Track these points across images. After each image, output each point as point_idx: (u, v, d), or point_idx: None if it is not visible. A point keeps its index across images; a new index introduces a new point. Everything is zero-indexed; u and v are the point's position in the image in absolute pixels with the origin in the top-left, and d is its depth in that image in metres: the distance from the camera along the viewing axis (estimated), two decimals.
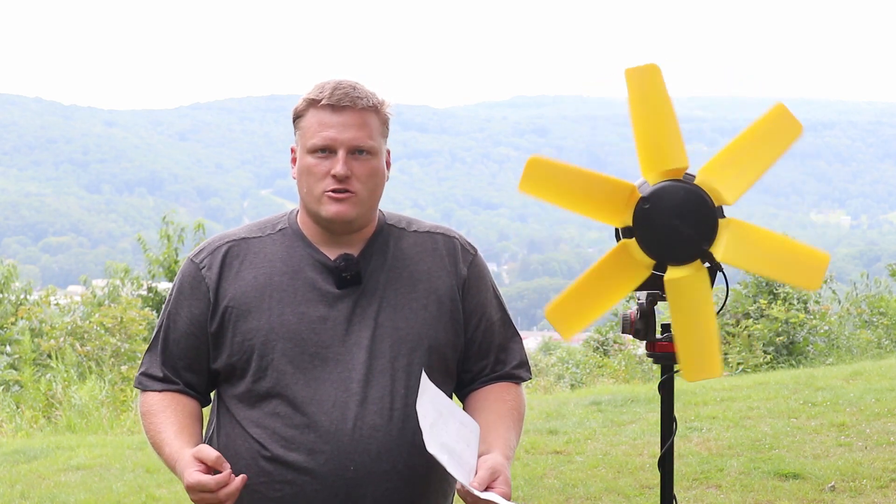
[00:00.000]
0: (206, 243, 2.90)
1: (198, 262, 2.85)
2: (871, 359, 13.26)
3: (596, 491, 6.96)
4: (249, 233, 2.88)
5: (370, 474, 2.72)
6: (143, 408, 2.89)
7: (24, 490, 7.80)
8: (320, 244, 2.83)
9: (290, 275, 2.79)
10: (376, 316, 2.78)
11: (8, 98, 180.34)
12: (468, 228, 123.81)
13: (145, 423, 2.87)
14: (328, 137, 2.76)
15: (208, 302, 2.81)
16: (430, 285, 2.84)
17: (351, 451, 2.71)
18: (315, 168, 2.78)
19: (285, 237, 2.85)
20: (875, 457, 7.38)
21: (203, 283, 2.82)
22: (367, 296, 2.79)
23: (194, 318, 2.83)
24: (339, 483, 2.71)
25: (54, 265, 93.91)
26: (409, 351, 2.78)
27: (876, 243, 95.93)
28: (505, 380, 2.91)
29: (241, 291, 2.79)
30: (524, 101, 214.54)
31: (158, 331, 2.90)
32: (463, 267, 2.89)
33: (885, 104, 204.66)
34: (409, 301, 2.81)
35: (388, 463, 2.73)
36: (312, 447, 2.71)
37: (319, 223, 2.82)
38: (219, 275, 2.82)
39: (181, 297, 2.86)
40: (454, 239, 2.93)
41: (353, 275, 2.78)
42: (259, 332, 2.76)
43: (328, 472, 2.70)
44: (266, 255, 2.82)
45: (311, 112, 2.80)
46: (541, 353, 24.75)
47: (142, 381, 2.91)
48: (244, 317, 2.77)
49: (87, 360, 13.22)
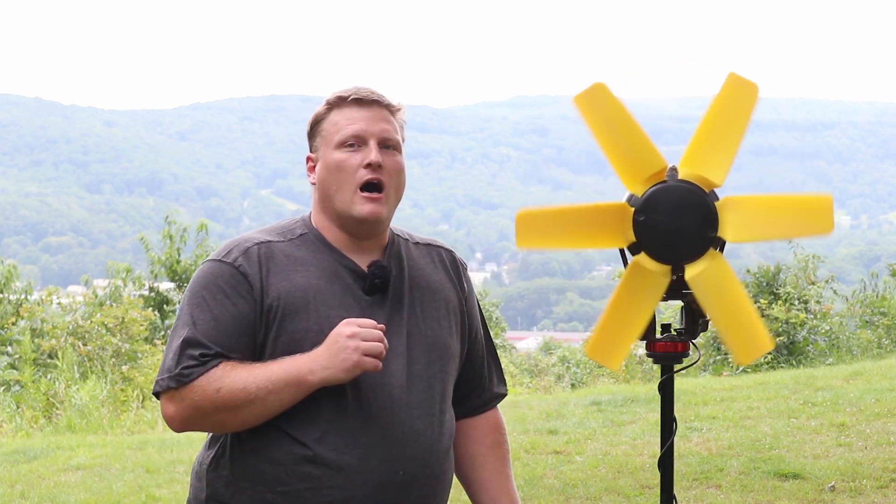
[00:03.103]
0: (232, 246, 2.77)
1: (231, 262, 2.73)
2: (871, 359, 13.27)
3: (596, 491, 6.96)
4: (270, 236, 2.79)
5: (416, 479, 2.73)
6: (210, 384, 2.64)
7: (24, 490, 7.81)
8: (344, 250, 2.80)
9: (326, 279, 2.74)
10: (406, 323, 2.79)
11: (8, 98, 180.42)
12: (468, 228, 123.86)
13: (225, 388, 2.63)
14: (360, 128, 2.75)
15: (253, 302, 2.70)
16: (444, 296, 2.87)
17: (400, 455, 2.71)
18: (346, 162, 2.74)
19: (308, 243, 2.79)
20: (875, 457, 7.39)
21: (245, 282, 2.71)
22: (395, 303, 2.79)
23: (243, 317, 2.69)
24: (389, 487, 2.70)
25: (54, 265, 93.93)
26: (439, 358, 2.81)
27: (876, 243, 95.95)
28: (491, 403, 3.02)
29: (285, 291, 2.71)
30: (524, 101, 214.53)
31: (191, 336, 2.68)
32: (464, 281, 2.95)
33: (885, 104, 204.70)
34: (431, 310, 2.83)
35: (429, 468, 2.75)
36: (365, 451, 2.68)
37: (347, 225, 2.78)
38: (259, 273, 2.71)
39: (220, 297, 2.70)
40: (453, 253, 2.97)
41: (384, 282, 2.78)
42: (308, 332, 2.69)
43: (380, 475, 2.69)
44: (298, 259, 2.76)
45: (335, 112, 2.78)
46: (541, 353, 24.76)
47: (186, 370, 2.66)
48: (291, 317, 2.70)
49: (87, 360, 13.22)
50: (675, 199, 2.94)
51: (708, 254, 2.95)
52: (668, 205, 2.94)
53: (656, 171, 2.94)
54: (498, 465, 2.97)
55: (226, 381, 2.64)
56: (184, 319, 2.72)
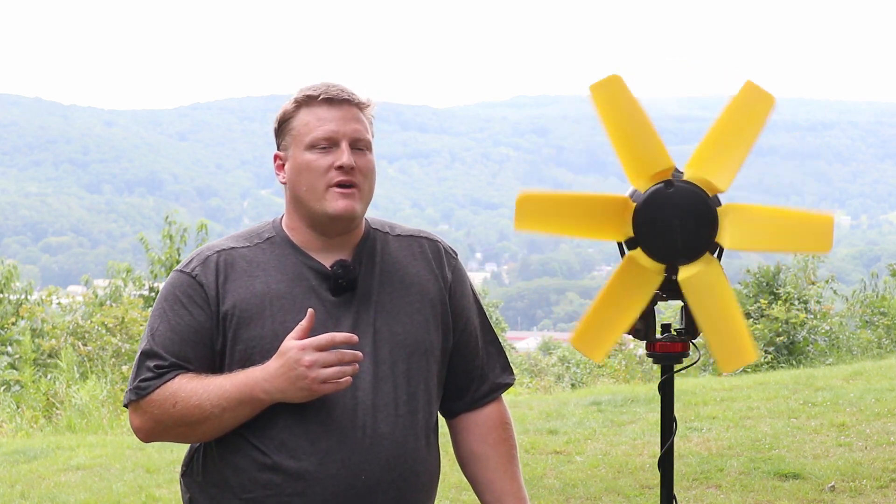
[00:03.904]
0: (193, 255, 2.78)
1: (189, 272, 2.73)
2: (871, 359, 13.27)
3: (596, 491, 6.96)
4: (235, 242, 2.78)
5: (380, 483, 2.68)
6: (166, 398, 2.65)
7: (24, 490, 7.81)
8: (312, 251, 2.76)
9: (287, 283, 2.71)
10: (374, 322, 2.74)
11: (8, 98, 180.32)
12: (468, 228, 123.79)
13: (181, 404, 2.64)
14: (330, 130, 2.72)
15: (210, 311, 2.70)
16: (420, 289, 2.81)
17: (362, 459, 2.66)
18: (316, 163, 2.71)
19: (274, 246, 2.76)
20: (875, 457, 7.39)
21: (201, 292, 2.71)
22: (363, 302, 2.74)
23: (200, 326, 2.69)
24: (351, 492, 2.66)
25: (54, 265, 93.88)
26: (408, 356, 2.75)
27: (876, 243, 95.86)
28: (493, 394, 2.92)
29: (240, 298, 2.69)
30: (524, 101, 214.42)
31: (149, 349, 2.71)
32: (448, 271, 2.87)
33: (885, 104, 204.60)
34: (403, 305, 2.78)
35: (395, 471, 2.70)
36: (324, 456, 2.65)
37: (320, 224, 2.74)
38: (215, 282, 2.71)
39: (177, 308, 2.70)
40: (438, 242, 2.91)
41: (349, 281, 2.73)
42: (263, 339, 2.67)
43: (341, 481, 2.65)
44: (259, 264, 2.73)
45: (304, 111, 2.75)
46: (541, 353, 24.74)
47: (143, 383, 2.69)
48: (245, 324, 2.68)
49: (87, 360, 13.22)
50: (677, 200, 2.94)
51: (704, 257, 2.95)
52: (670, 204, 2.94)
53: (662, 170, 2.94)
54: (503, 463, 2.88)
55: (181, 396, 2.65)
56: (147, 331, 2.74)
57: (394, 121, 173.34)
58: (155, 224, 63.03)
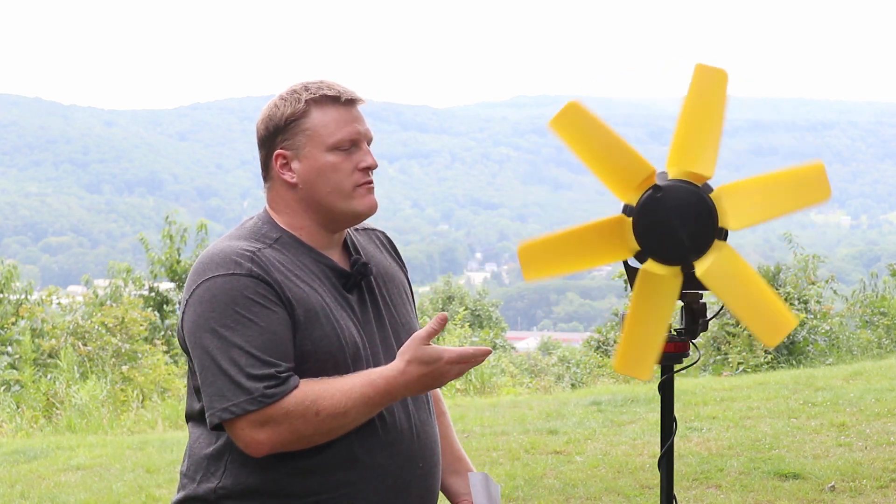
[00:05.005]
0: (232, 257, 2.64)
1: (247, 273, 2.61)
2: (871, 359, 13.27)
3: (596, 491, 6.96)
4: (251, 245, 2.69)
5: (432, 468, 2.79)
6: (307, 407, 2.56)
7: (24, 490, 7.81)
8: (321, 249, 2.77)
9: (318, 283, 2.70)
10: (384, 314, 2.80)
11: (8, 98, 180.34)
12: (468, 228, 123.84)
13: (325, 412, 2.56)
14: (354, 132, 2.73)
15: (284, 306, 2.62)
16: (397, 279, 2.89)
17: (417, 448, 2.75)
18: (342, 164, 2.71)
19: (287, 246, 2.72)
20: (875, 457, 7.39)
21: (270, 290, 2.61)
22: (372, 297, 2.80)
23: (286, 322, 2.61)
24: (414, 480, 2.73)
25: (54, 265, 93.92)
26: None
27: (876, 243, 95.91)
28: None
29: (298, 296, 2.64)
30: (524, 101, 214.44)
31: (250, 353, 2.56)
32: (401, 258, 2.97)
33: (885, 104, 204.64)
34: (396, 297, 2.86)
35: (436, 454, 2.82)
36: (393, 448, 2.70)
37: (334, 222, 2.75)
38: (277, 280, 2.63)
39: (256, 309, 2.59)
40: (385, 233, 2.99)
41: (365, 279, 2.79)
42: (327, 338, 2.65)
43: (406, 471, 2.72)
44: (287, 265, 2.69)
45: (318, 111, 2.73)
46: (540, 353, 24.75)
47: (269, 390, 2.55)
48: (310, 323, 2.64)
49: (87, 360, 13.23)
50: (669, 200, 2.94)
51: (714, 246, 2.95)
52: (665, 206, 2.94)
53: (645, 178, 2.95)
54: (447, 432, 2.99)
55: (324, 405, 2.57)
56: (221, 343, 2.57)
57: (394, 121, 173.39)
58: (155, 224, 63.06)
